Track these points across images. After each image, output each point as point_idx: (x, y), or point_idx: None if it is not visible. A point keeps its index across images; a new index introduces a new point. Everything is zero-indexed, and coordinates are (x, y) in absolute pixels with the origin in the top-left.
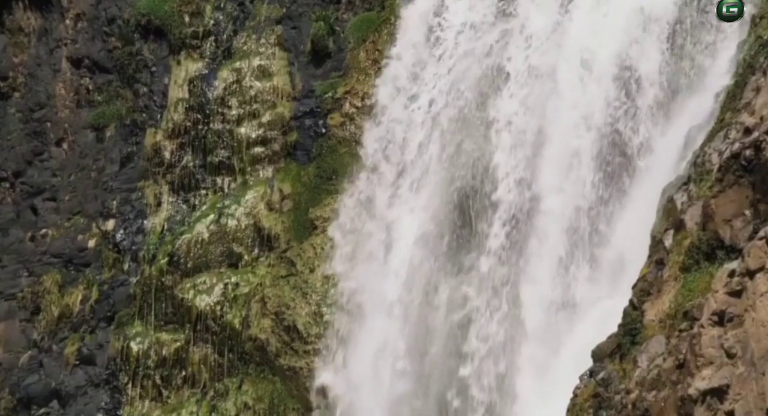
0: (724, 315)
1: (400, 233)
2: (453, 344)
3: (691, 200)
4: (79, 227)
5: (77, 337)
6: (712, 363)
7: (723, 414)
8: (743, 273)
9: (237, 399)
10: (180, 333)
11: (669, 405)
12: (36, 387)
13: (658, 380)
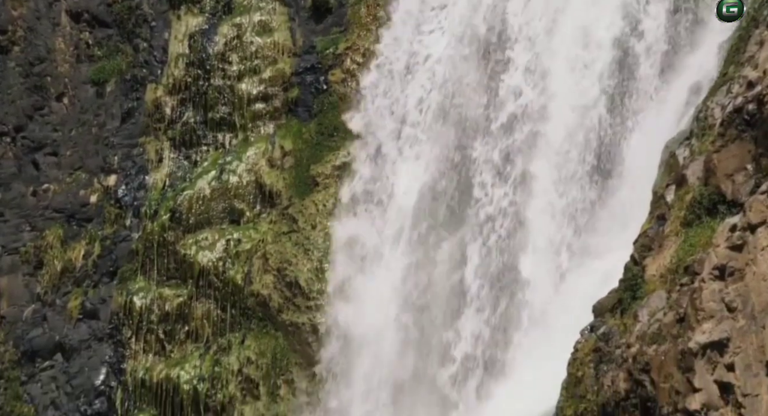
0: (725, 270)
1: (400, 187)
2: (453, 298)
3: (693, 155)
4: (80, 182)
5: (80, 292)
6: (713, 316)
7: (723, 367)
8: (744, 228)
9: (240, 354)
10: (182, 289)
11: (669, 359)
12: (40, 340)
13: (658, 334)
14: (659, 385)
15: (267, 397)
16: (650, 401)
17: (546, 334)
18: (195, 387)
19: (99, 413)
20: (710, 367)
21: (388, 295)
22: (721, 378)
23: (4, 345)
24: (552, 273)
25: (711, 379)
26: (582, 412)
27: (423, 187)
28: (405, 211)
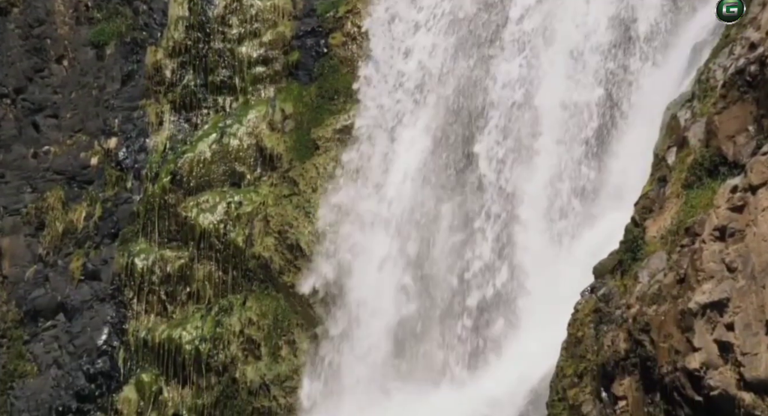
0: (725, 230)
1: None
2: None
3: (694, 117)
4: (81, 144)
5: (82, 253)
6: (713, 277)
7: (722, 327)
8: (745, 189)
9: (241, 315)
10: (184, 251)
11: (669, 319)
12: (42, 300)
13: (658, 295)
14: (659, 345)
15: (268, 358)
16: (650, 360)
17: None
18: (197, 348)
19: (102, 372)
20: (710, 327)
21: (389, 257)
22: (720, 337)
23: (7, 304)
24: (554, 237)
25: (710, 339)
26: (582, 372)
27: (424, 149)
28: (406, 173)
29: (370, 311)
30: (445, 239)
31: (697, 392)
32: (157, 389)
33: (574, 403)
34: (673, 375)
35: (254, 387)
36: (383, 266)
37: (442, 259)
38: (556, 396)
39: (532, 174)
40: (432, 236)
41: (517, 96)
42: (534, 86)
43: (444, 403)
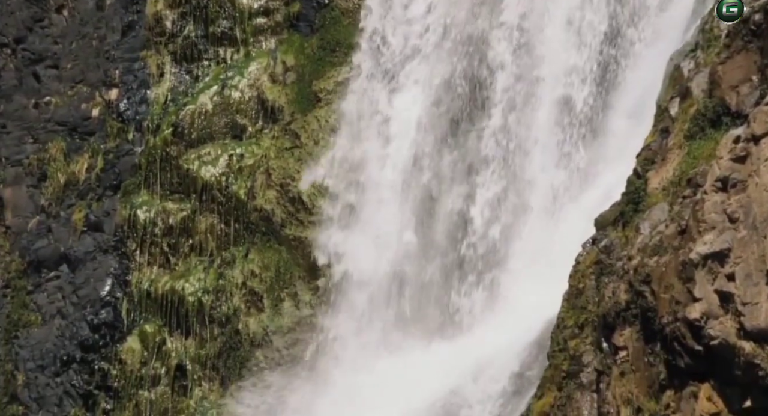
0: (727, 181)
1: (404, 103)
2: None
3: (698, 67)
4: (82, 95)
5: (84, 204)
6: (714, 227)
7: (723, 277)
8: (748, 139)
9: (244, 267)
10: (186, 203)
11: (670, 270)
12: (45, 251)
13: (659, 246)
14: (659, 296)
15: (271, 310)
16: (650, 311)
17: (548, 247)
18: (200, 299)
19: (105, 323)
20: (710, 277)
21: (391, 210)
22: (721, 287)
23: (10, 255)
24: (556, 186)
25: (711, 289)
26: (583, 323)
27: (426, 102)
28: (408, 126)
29: (371, 264)
30: (448, 191)
31: (697, 342)
32: (160, 339)
33: (575, 353)
34: (674, 326)
35: (257, 338)
36: (385, 219)
37: (445, 212)
38: (557, 346)
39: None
40: (434, 188)
41: (523, 39)
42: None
43: (445, 355)
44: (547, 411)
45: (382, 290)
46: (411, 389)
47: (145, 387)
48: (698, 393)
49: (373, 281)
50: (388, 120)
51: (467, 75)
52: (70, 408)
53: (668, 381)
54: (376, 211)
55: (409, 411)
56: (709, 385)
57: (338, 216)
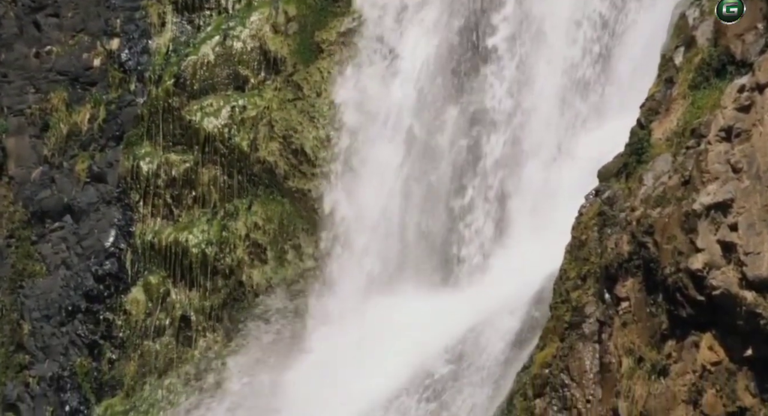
0: (731, 131)
1: (407, 54)
2: (460, 165)
3: (703, 16)
4: (83, 45)
5: (87, 155)
6: (718, 178)
7: (726, 227)
8: (753, 88)
9: (247, 219)
10: (189, 155)
11: (673, 221)
12: (49, 201)
13: (663, 197)
14: (662, 247)
15: (274, 262)
16: (653, 262)
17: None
18: (203, 251)
19: (110, 274)
20: (713, 228)
21: (393, 161)
22: (723, 237)
23: (14, 205)
24: (560, 137)
25: (714, 239)
26: (585, 274)
27: (429, 52)
28: (411, 77)
29: (375, 214)
30: (451, 142)
31: (699, 292)
32: (164, 291)
33: (577, 305)
34: (676, 276)
35: (260, 290)
36: (388, 169)
37: (448, 162)
38: (560, 298)
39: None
40: (437, 139)
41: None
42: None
43: (448, 305)
44: (549, 361)
45: (384, 240)
46: (412, 338)
47: (150, 337)
48: (700, 342)
49: (376, 230)
50: (391, 69)
51: (470, 24)
52: (75, 358)
53: (670, 331)
54: (379, 160)
55: (410, 361)
56: (710, 335)
57: (341, 167)
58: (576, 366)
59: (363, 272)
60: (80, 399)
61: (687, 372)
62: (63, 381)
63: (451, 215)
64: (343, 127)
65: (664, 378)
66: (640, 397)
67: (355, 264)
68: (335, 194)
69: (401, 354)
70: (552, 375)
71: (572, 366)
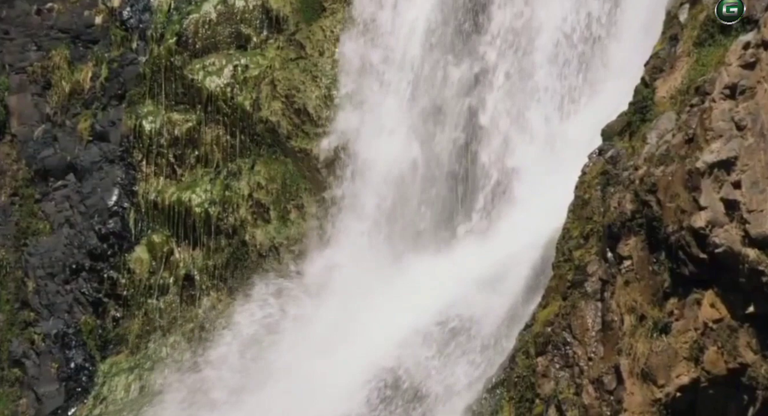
0: (736, 88)
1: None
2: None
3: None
4: (84, 2)
5: (89, 114)
6: (722, 136)
7: (729, 185)
8: (758, 44)
9: (250, 179)
10: (191, 114)
11: (676, 179)
12: (52, 160)
13: (666, 155)
14: (665, 205)
15: (277, 221)
16: (656, 221)
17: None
18: (206, 211)
19: (113, 232)
20: (717, 186)
21: (397, 119)
22: (727, 195)
23: (17, 163)
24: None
25: (717, 197)
26: (588, 233)
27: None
28: (415, 34)
29: (378, 174)
30: (455, 102)
31: (702, 250)
32: (168, 250)
33: (580, 263)
34: (679, 235)
35: (264, 249)
36: (391, 130)
37: (452, 118)
38: (562, 257)
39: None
40: (441, 100)
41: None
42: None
43: (453, 264)
44: (551, 320)
45: (388, 201)
46: (416, 300)
47: (154, 296)
48: (702, 300)
49: (379, 191)
50: (394, 27)
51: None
52: (80, 315)
53: (672, 289)
54: (382, 121)
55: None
56: (712, 292)
57: (343, 127)
58: (578, 324)
59: (365, 233)
60: (85, 356)
61: (689, 329)
62: (68, 338)
63: (455, 175)
64: (346, 86)
65: (666, 336)
66: (641, 355)
67: (357, 224)
68: (337, 154)
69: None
70: (554, 333)
71: (574, 324)
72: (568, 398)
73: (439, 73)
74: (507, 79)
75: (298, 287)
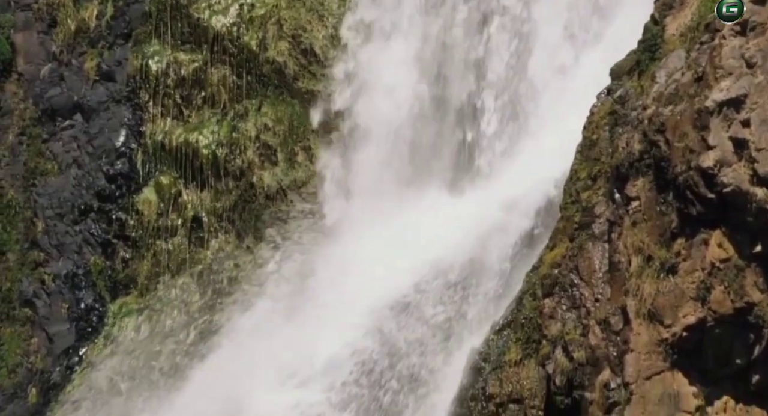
0: (746, 25)
1: None
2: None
3: None
4: None
5: (95, 53)
6: (731, 73)
7: (738, 124)
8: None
9: (257, 121)
10: (197, 54)
11: (685, 119)
12: (59, 99)
13: (675, 94)
14: (673, 145)
15: (285, 163)
16: (664, 161)
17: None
18: (214, 152)
19: (121, 173)
20: (725, 124)
21: (403, 61)
22: (735, 134)
23: (24, 102)
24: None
25: (726, 136)
26: (596, 174)
27: None
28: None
29: (384, 116)
30: (461, 42)
31: (709, 190)
32: (176, 191)
33: (587, 205)
34: (687, 175)
35: (271, 191)
36: (398, 69)
37: (460, 60)
38: (570, 198)
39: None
40: (450, 36)
41: None
42: None
43: (460, 206)
44: (558, 261)
45: (395, 142)
46: (423, 241)
47: (163, 237)
48: (709, 240)
49: (387, 132)
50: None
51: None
52: (89, 256)
53: (679, 230)
54: (388, 62)
55: (419, 264)
56: (720, 232)
57: (350, 68)
58: (585, 266)
59: (372, 175)
60: (95, 296)
61: (696, 269)
62: (78, 278)
63: (461, 116)
64: (354, 25)
65: (673, 276)
66: (648, 295)
67: (364, 166)
68: (344, 95)
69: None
70: (561, 274)
71: (581, 265)
72: (574, 339)
73: (447, 10)
74: (517, 20)
75: (306, 229)
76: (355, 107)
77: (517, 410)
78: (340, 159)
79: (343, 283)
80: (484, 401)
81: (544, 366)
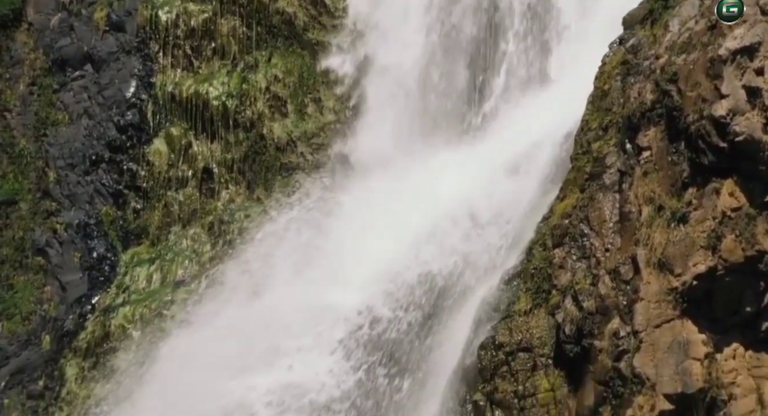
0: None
1: None
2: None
3: None
4: None
5: (105, 3)
6: (745, 21)
7: (752, 72)
8: None
9: (267, 72)
10: (207, 4)
11: (698, 67)
12: (69, 49)
13: (688, 43)
14: (686, 94)
15: (295, 115)
16: (676, 110)
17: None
18: (224, 103)
19: (131, 124)
20: (739, 73)
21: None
22: (749, 82)
23: (35, 52)
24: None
25: (739, 85)
26: (607, 124)
27: None
28: None
29: (395, 65)
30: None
31: (722, 139)
32: (186, 142)
33: (599, 155)
34: (699, 124)
35: (281, 143)
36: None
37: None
38: (581, 149)
39: None
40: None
41: None
42: None
43: (470, 156)
44: (569, 212)
45: (406, 92)
46: (435, 190)
47: (173, 188)
48: (721, 189)
49: (397, 83)
50: None
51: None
52: (101, 206)
53: (691, 179)
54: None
55: (431, 214)
56: (731, 181)
57: (360, 18)
58: (596, 216)
59: (383, 126)
60: (107, 246)
61: (707, 218)
62: (90, 228)
63: (474, 64)
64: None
65: (684, 225)
66: (659, 244)
67: (375, 117)
68: (354, 46)
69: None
70: (571, 225)
71: (592, 216)
72: (584, 288)
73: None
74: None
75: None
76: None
77: (527, 358)
78: (349, 110)
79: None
80: (493, 350)
81: (554, 315)
